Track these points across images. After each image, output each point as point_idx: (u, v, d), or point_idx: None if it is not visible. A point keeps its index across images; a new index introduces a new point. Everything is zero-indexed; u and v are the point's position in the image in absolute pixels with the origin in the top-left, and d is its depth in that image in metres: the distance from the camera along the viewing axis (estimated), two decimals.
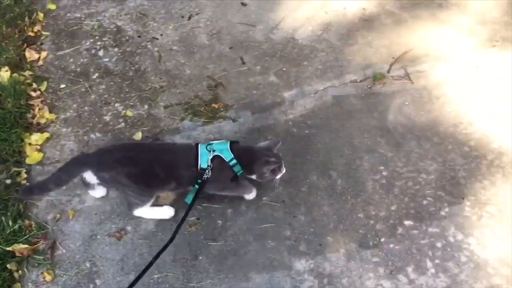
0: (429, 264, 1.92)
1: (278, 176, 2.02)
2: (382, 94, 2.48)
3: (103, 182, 1.98)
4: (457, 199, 2.08)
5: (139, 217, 2.07)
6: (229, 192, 2.10)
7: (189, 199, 1.91)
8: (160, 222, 2.08)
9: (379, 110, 2.41)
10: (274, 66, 2.68)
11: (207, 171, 1.89)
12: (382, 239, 1.99)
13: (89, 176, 1.94)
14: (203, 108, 2.51)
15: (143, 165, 1.93)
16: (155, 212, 2.07)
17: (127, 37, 2.88)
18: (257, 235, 2.05)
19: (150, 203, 2.02)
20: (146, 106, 2.53)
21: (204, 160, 1.91)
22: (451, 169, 2.18)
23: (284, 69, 2.66)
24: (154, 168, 1.92)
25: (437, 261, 1.92)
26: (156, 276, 1.95)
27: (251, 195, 2.11)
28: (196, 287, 1.92)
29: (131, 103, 2.55)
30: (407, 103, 2.43)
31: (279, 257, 1.98)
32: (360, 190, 2.14)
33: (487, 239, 1.95)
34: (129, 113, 2.50)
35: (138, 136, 2.40)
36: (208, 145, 1.94)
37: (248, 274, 1.94)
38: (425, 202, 2.09)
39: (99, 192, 2.11)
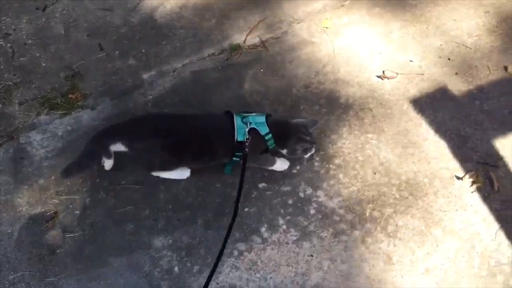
0: (281, 221, 2.00)
1: (307, 155, 2.03)
2: (238, 65, 2.51)
3: (133, 152, 1.90)
4: None
5: None
6: (259, 164, 2.06)
7: (228, 169, 1.99)
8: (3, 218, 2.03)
9: (236, 81, 2.45)
10: (133, 48, 2.64)
11: (247, 144, 1.85)
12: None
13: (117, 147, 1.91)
14: (60, 100, 2.44)
15: (179, 137, 1.89)
16: (173, 173, 2.06)
17: None
18: (116, 219, 2.05)
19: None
20: None
21: (240, 133, 1.87)
22: None
23: (143, 50, 2.63)
24: (190, 140, 1.89)
25: (288, 217, 2.01)
26: (11, 277, 1.91)
27: (280, 167, 2.09)
28: (53, 281, 1.89)
29: None
30: (262, 70, 2.48)
31: (138, 238, 1.99)
32: None
33: (334, 190, 2.06)
34: None
35: None
36: (244, 117, 1.89)
37: (107, 259, 1.94)
38: None
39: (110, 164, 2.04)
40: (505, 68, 2.37)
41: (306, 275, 1.87)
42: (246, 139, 1.87)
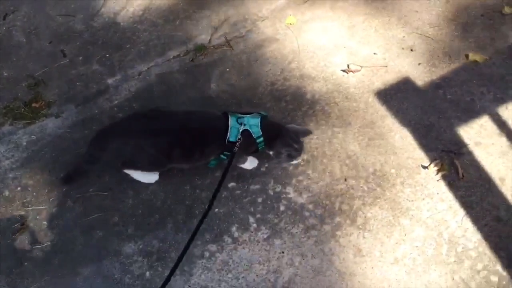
0: (251, 220, 2.00)
1: (293, 162, 2.07)
2: (204, 65, 2.50)
3: (126, 149, 1.88)
4: None
5: None
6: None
7: (212, 164, 1.96)
8: None
9: (202, 81, 2.44)
10: (97, 53, 2.61)
11: (237, 144, 1.84)
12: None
13: None
14: (23, 109, 2.40)
15: (171, 136, 1.86)
16: (144, 175, 2.06)
17: None
18: (85, 228, 2.02)
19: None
20: None
21: (233, 133, 1.85)
22: None
23: (107, 55, 2.60)
24: (182, 139, 1.87)
25: (258, 215, 2.01)
26: None
27: (250, 165, 2.11)
28: None
29: None
30: (228, 69, 2.47)
31: (107, 245, 1.97)
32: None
33: (302, 185, 2.07)
34: None
35: None
36: (239, 117, 1.87)
37: (76, 269, 1.92)
38: None
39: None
40: (466, 56, 2.40)
41: (278, 272, 1.87)
42: (238, 139, 1.86)
